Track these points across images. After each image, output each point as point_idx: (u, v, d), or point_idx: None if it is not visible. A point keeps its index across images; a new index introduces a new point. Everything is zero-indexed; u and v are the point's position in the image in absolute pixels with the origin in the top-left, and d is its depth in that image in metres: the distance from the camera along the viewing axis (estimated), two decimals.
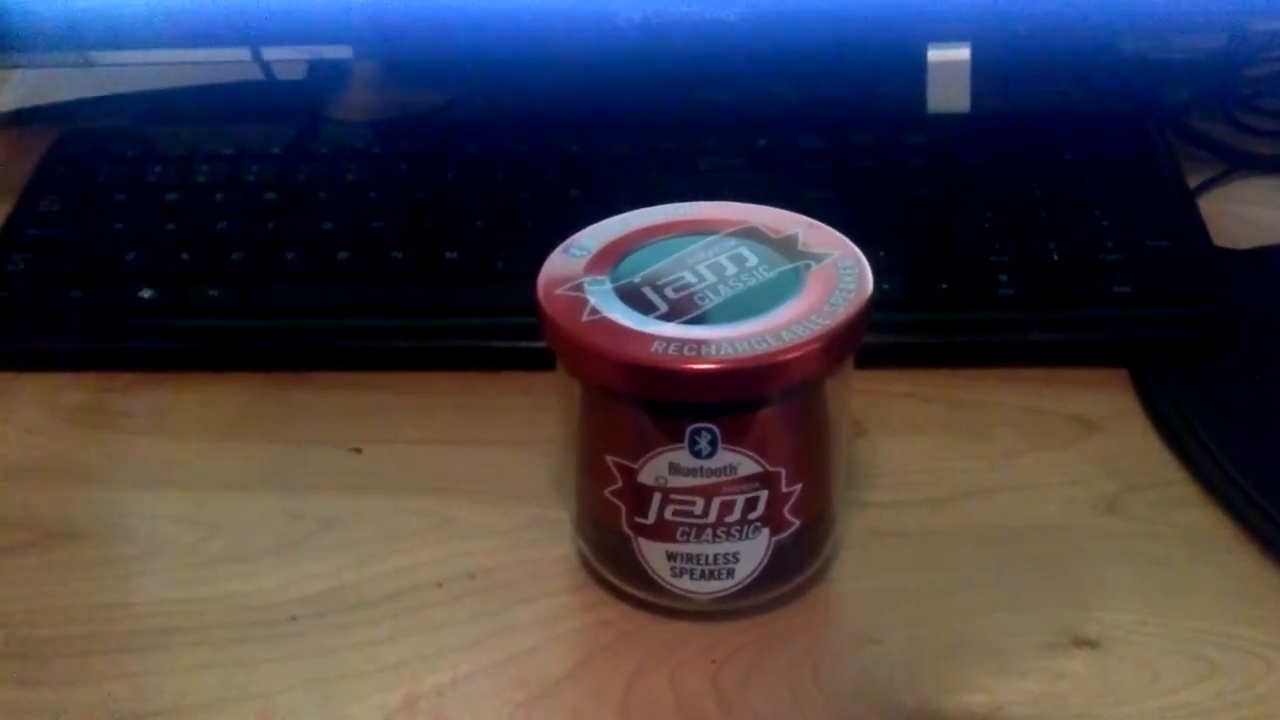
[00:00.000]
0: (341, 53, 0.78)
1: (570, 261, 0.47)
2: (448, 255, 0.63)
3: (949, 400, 0.58)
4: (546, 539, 0.52)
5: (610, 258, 0.47)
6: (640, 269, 0.46)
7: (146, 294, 0.62)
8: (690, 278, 0.46)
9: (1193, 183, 0.69)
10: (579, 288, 0.45)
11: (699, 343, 0.42)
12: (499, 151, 0.70)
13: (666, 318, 0.44)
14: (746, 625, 0.48)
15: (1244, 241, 0.66)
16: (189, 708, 0.46)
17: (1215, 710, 0.45)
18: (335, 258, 0.63)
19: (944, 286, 0.61)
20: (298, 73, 0.82)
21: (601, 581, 0.49)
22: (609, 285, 0.45)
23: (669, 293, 0.45)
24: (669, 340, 0.42)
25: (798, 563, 0.48)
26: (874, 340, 0.46)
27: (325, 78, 0.83)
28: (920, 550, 0.51)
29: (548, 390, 0.48)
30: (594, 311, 0.44)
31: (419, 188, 0.68)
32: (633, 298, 0.45)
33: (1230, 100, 0.79)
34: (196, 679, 0.47)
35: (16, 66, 0.82)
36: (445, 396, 0.59)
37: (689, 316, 0.44)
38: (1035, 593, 0.49)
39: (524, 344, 0.60)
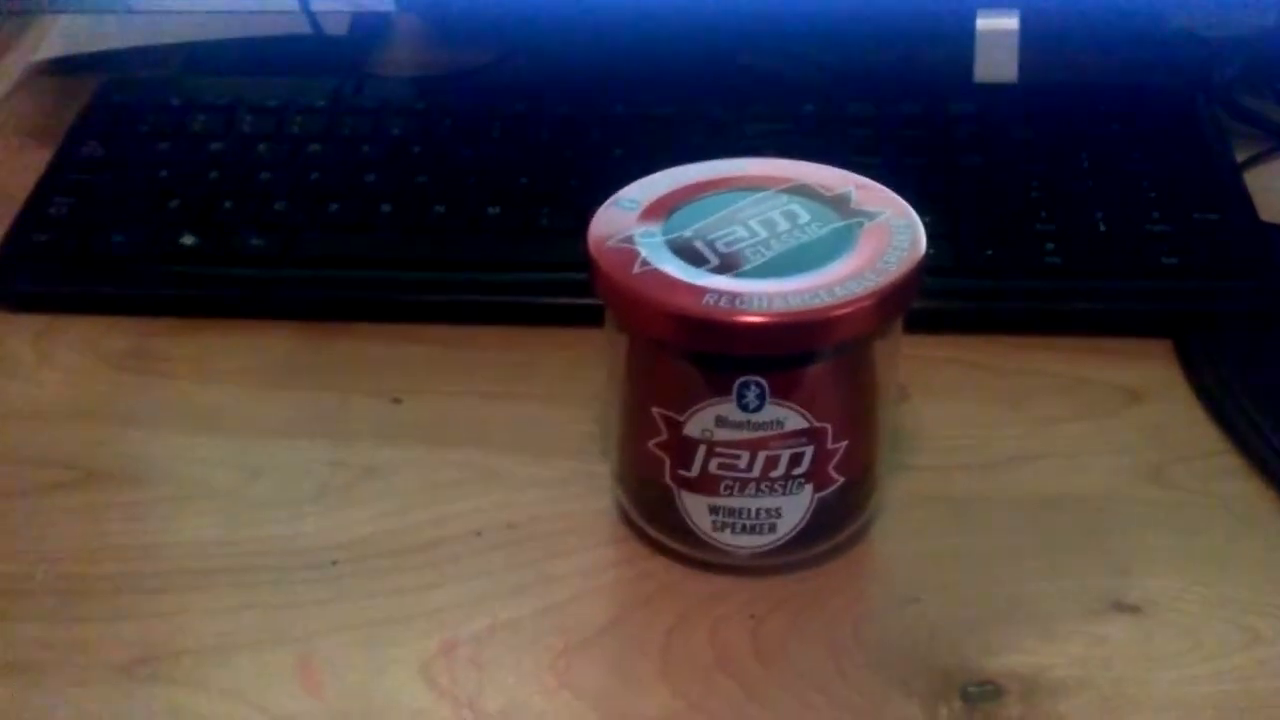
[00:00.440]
0: (384, 6, 0.78)
1: (621, 214, 0.46)
2: (490, 211, 0.63)
3: (993, 367, 0.58)
4: (586, 492, 0.52)
5: (661, 211, 0.47)
6: (691, 223, 0.46)
7: (189, 240, 0.62)
8: (742, 232, 0.45)
9: (1240, 158, 0.68)
10: (630, 240, 0.45)
11: (750, 296, 0.42)
12: (542, 110, 0.70)
13: (718, 271, 0.44)
14: (787, 581, 0.48)
15: None
16: (228, 648, 0.46)
17: (1255, 677, 0.44)
18: (378, 210, 0.63)
19: (989, 254, 0.60)
20: (341, 26, 0.81)
21: (641, 535, 0.49)
22: (660, 238, 0.45)
23: (720, 246, 0.45)
24: (720, 293, 0.42)
25: (840, 520, 0.48)
26: (919, 305, 0.45)
27: (368, 33, 0.83)
28: (962, 514, 0.51)
29: (588, 346, 0.48)
30: (645, 263, 0.44)
31: (462, 144, 0.68)
32: (684, 251, 0.45)
33: (1277, 77, 0.78)
34: (236, 620, 0.47)
35: (61, 13, 0.82)
36: (486, 351, 0.59)
37: (741, 270, 0.44)
38: (1077, 558, 0.49)
39: (566, 300, 0.59)
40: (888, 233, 0.45)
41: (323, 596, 0.48)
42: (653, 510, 0.48)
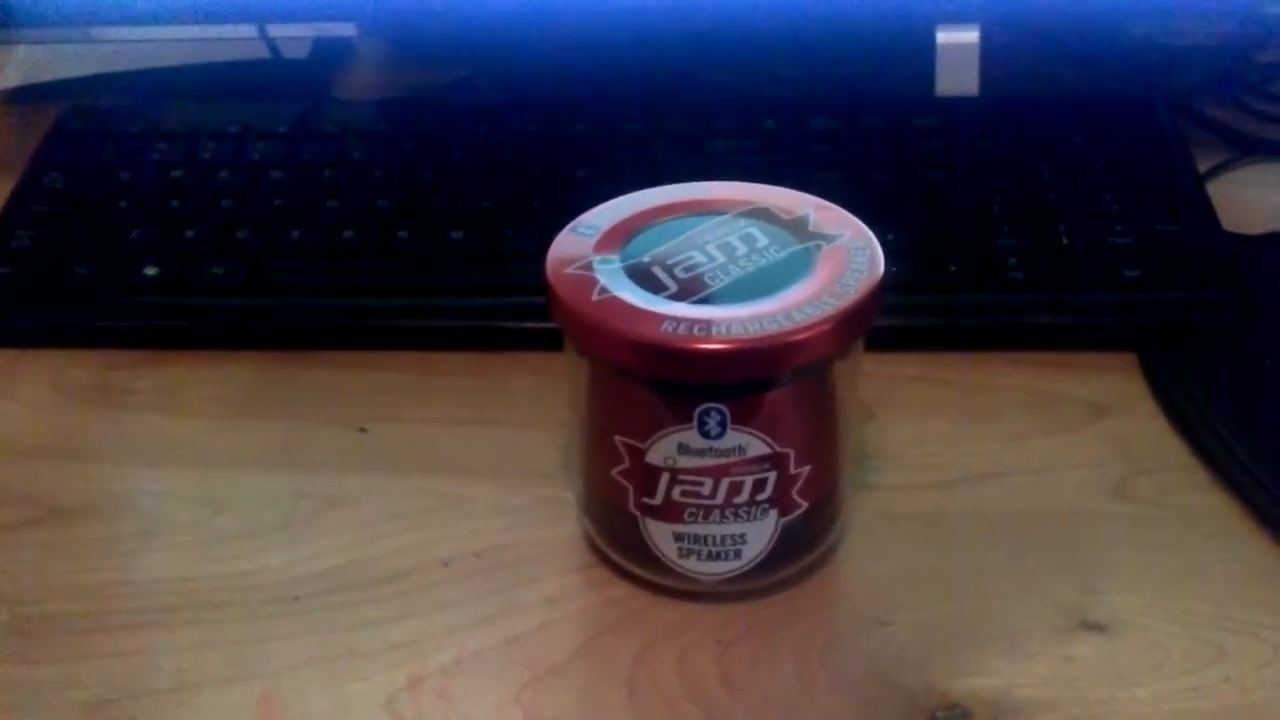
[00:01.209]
0: (345, 30, 0.77)
1: (579, 240, 0.46)
2: (454, 235, 0.63)
3: (958, 383, 0.58)
4: (553, 519, 0.51)
5: (619, 237, 0.47)
6: (650, 248, 0.46)
7: (151, 271, 0.62)
8: (700, 257, 0.45)
9: (1203, 167, 0.69)
10: (588, 267, 0.45)
11: (709, 322, 0.42)
12: (505, 131, 0.70)
13: (676, 297, 0.44)
14: (754, 606, 0.48)
15: (1254, 226, 0.65)
16: (192, 685, 0.46)
17: (1223, 694, 0.44)
18: (341, 236, 0.63)
19: (952, 269, 0.60)
20: (302, 50, 0.81)
21: (608, 561, 0.49)
22: (618, 264, 0.45)
23: (679, 272, 0.45)
24: (679, 320, 0.42)
25: (805, 544, 0.48)
26: (883, 323, 0.45)
27: (330, 56, 0.83)
28: (929, 533, 0.51)
29: (554, 371, 0.48)
30: (604, 291, 0.44)
31: (425, 167, 0.68)
32: (642, 277, 0.44)
33: (1240, 85, 0.78)
34: (199, 657, 0.47)
35: (19, 43, 0.81)
36: (451, 377, 0.59)
37: (699, 296, 0.44)
38: (1044, 576, 0.49)
39: (530, 324, 0.59)
40: (846, 255, 0.45)
41: (286, 631, 0.47)
42: (618, 537, 0.48)
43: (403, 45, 0.84)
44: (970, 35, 0.71)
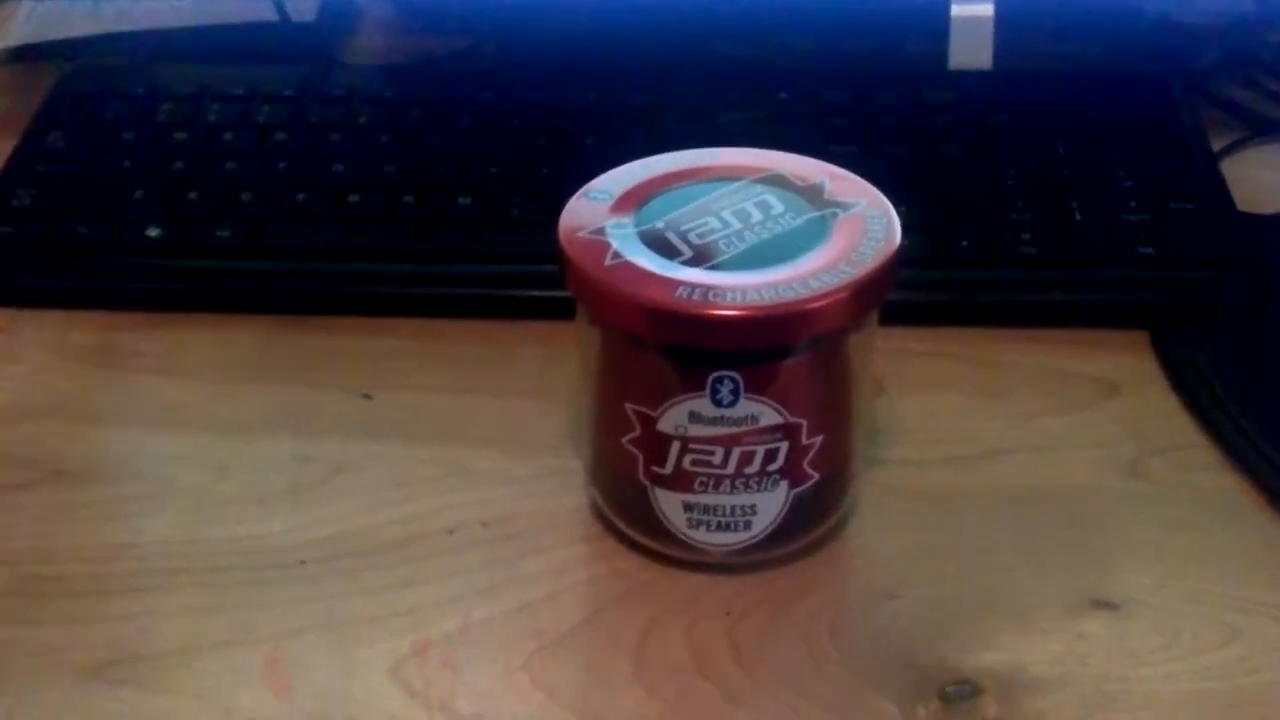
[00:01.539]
0: None
1: (592, 206, 0.46)
2: (461, 201, 0.62)
3: (970, 359, 0.57)
4: (560, 489, 0.51)
5: (632, 202, 0.46)
6: (663, 214, 0.45)
7: (154, 233, 0.61)
8: (715, 224, 0.45)
9: (1216, 146, 0.68)
10: (601, 232, 0.44)
11: (724, 289, 0.42)
12: (513, 98, 0.69)
13: (691, 263, 0.43)
14: (763, 578, 0.47)
15: (1266, 206, 0.65)
16: (196, 649, 0.45)
17: (1234, 674, 0.44)
18: (346, 201, 0.63)
19: (965, 245, 0.60)
20: (309, 14, 0.80)
21: (616, 532, 0.49)
22: (632, 229, 0.45)
23: (693, 238, 0.44)
24: (694, 285, 0.42)
25: (816, 516, 0.47)
26: (895, 298, 0.45)
27: (337, 20, 0.82)
28: (939, 509, 0.50)
29: (562, 340, 0.48)
30: (616, 256, 0.43)
31: (432, 133, 0.67)
32: (656, 243, 0.44)
33: (1254, 65, 0.78)
34: (204, 621, 0.46)
35: (23, 0, 0.81)
36: (457, 344, 0.59)
37: (713, 262, 0.43)
38: (1055, 554, 0.48)
39: (539, 293, 0.59)
40: (862, 224, 0.45)
41: (292, 596, 0.47)
42: (627, 508, 0.48)
43: (410, 10, 0.83)
44: (985, 9, 0.70)
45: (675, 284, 0.42)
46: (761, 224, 0.45)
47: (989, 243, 0.60)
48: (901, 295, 0.46)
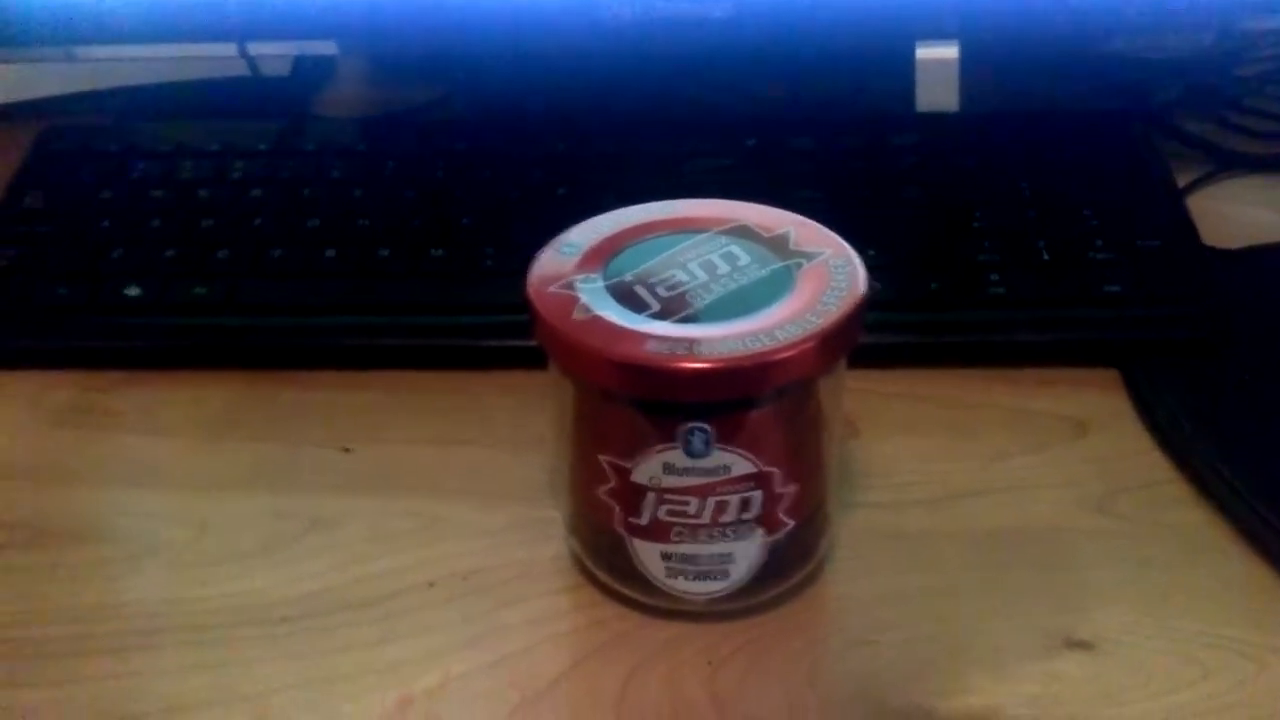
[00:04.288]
0: (326, 48, 0.77)
1: (561, 259, 0.46)
2: (435, 253, 0.63)
3: (940, 400, 0.58)
4: (539, 539, 0.51)
5: (601, 256, 0.46)
6: (631, 267, 0.46)
7: (133, 291, 0.62)
8: (682, 276, 0.45)
9: (1182, 182, 0.69)
10: (570, 286, 0.45)
11: (692, 341, 0.42)
12: (486, 149, 0.70)
13: (659, 316, 0.43)
14: (742, 626, 0.48)
15: (1234, 241, 0.66)
16: (179, 709, 0.45)
17: (1208, 712, 0.44)
18: (322, 255, 0.63)
19: (934, 286, 0.60)
20: (283, 68, 0.81)
21: (595, 582, 0.49)
22: (601, 283, 0.45)
23: (661, 291, 0.45)
24: (662, 339, 0.42)
25: (792, 563, 0.48)
26: (865, 340, 0.45)
27: (311, 74, 0.83)
28: (914, 551, 0.51)
29: (538, 389, 0.48)
30: (585, 310, 0.44)
31: (406, 185, 0.68)
32: (625, 296, 0.44)
33: (1219, 99, 0.79)
34: (186, 680, 0.47)
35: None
36: (434, 396, 0.59)
37: (681, 315, 0.43)
38: (1029, 594, 0.49)
39: (513, 343, 0.59)
40: (827, 273, 0.45)
41: (273, 654, 0.47)
42: (605, 557, 0.48)
43: (383, 63, 0.84)
44: (949, 52, 0.71)
45: (644, 338, 0.42)
46: (728, 275, 0.45)
47: (957, 284, 0.61)
48: (872, 338, 0.46)
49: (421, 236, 0.64)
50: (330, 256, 0.63)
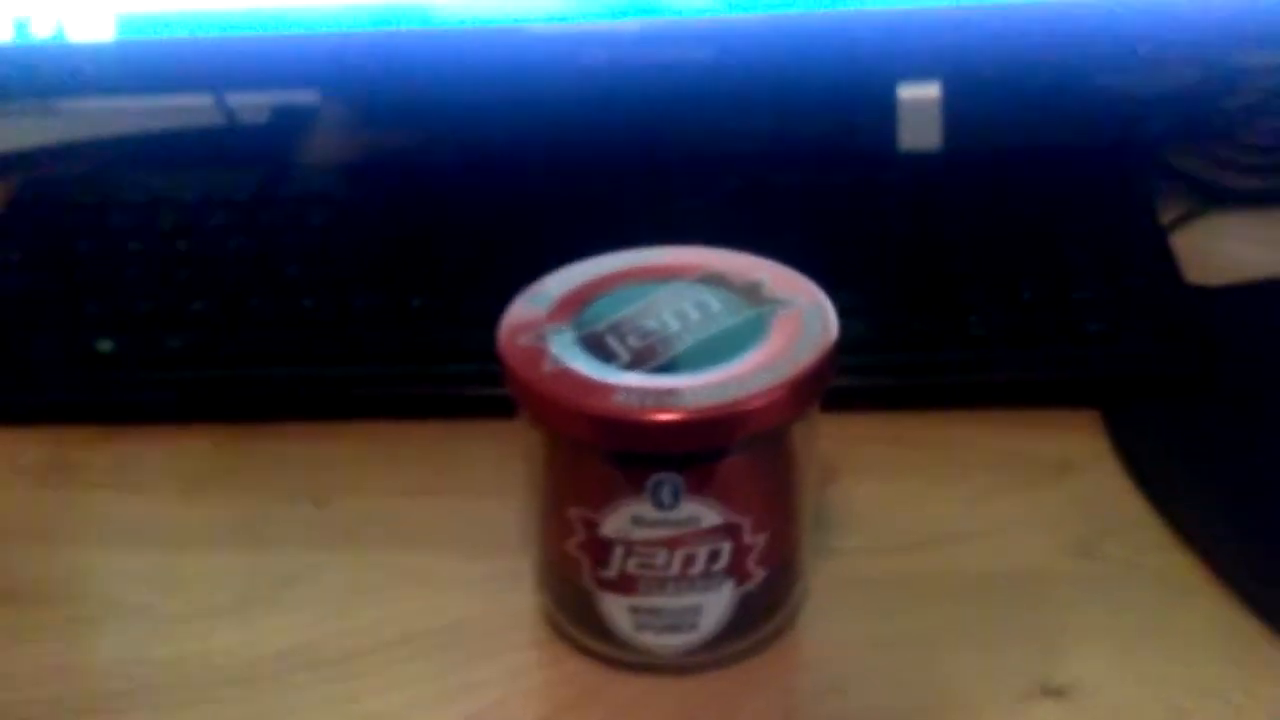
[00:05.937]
0: (307, 97, 0.77)
1: (532, 309, 0.46)
2: (415, 301, 0.63)
3: (920, 442, 0.58)
4: (512, 590, 0.51)
5: (573, 305, 0.46)
6: (603, 316, 0.46)
7: (106, 345, 0.61)
8: (654, 324, 0.45)
9: (1169, 218, 0.69)
10: (541, 337, 0.45)
11: (662, 392, 0.42)
12: (465, 195, 0.70)
13: (629, 366, 0.43)
14: (714, 678, 0.47)
15: (1220, 278, 0.65)
16: None
17: None
18: (300, 304, 0.63)
19: (915, 326, 0.60)
20: (262, 117, 0.81)
21: (566, 636, 0.48)
22: (571, 334, 0.45)
23: (632, 340, 0.44)
24: (631, 390, 0.42)
25: (764, 613, 0.47)
26: (845, 383, 0.45)
27: (290, 122, 0.82)
28: (890, 598, 0.50)
29: (514, 437, 0.47)
30: (556, 361, 0.43)
31: (385, 232, 0.68)
32: (595, 346, 0.44)
33: (1207, 134, 0.78)
34: None
35: None
36: (412, 445, 0.59)
37: (652, 365, 0.43)
38: (1006, 640, 0.48)
39: (494, 391, 0.58)
40: (800, 320, 0.45)
41: (243, 715, 0.47)
42: (574, 612, 0.47)
43: (363, 111, 0.83)
44: (931, 91, 0.71)
45: (613, 389, 0.42)
46: (700, 324, 0.45)
47: (938, 324, 0.60)
48: (851, 380, 0.46)
49: (400, 284, 0.64)
50: (308, 305, 0.63)
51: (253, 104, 0.80)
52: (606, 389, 0.42)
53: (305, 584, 0.52)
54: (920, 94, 0.71)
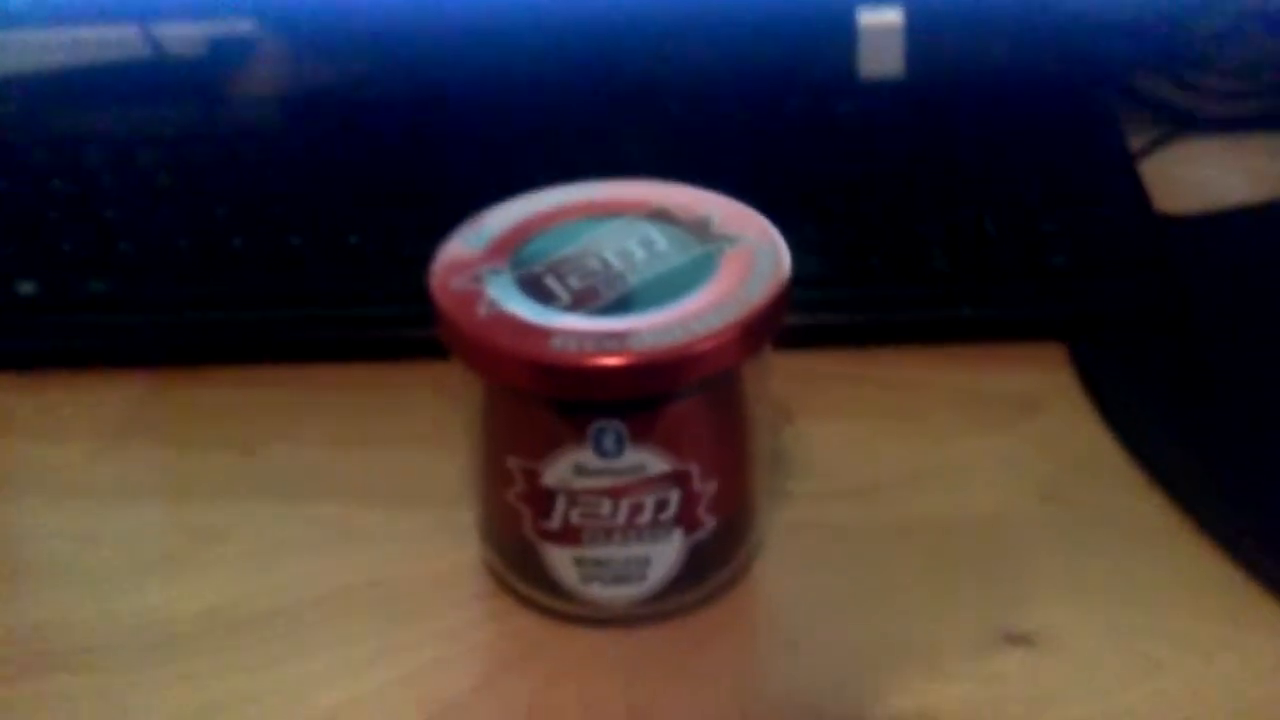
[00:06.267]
0: (245, 28, 0.74)
1: (468, 248, 0.44)
2: (351, 240, 0.60)
3: (881, 381, 0.55)
4: (452, 545, 0.48)
5: (512, 243, 0.44)
6: (543, 255, 0.43)
7: (26, 288, 0.59)
8: (596, 264, 0.43)
9: (1137, 145, 0.66)
10: (477, 279, 0.42)
11: (604, 335, 0.40)
12: (406, 130, 0.67)
13: (570, 309, 0.41)
14: (663, 631, 0.45)
15: (1191, 206, 0.63)
16: None
17: (1157, 711, 0.42)
18: (230, 244, 0.60)
19: (874, 261, 0.58)
20: (199, 49, 0.78)
21: (510, 590, 0.46)
22: (509, 274, 0.42)
23: (573, 281, 0.42)
24: (570, 334, 0.40)
25: (716, 563, 0.45)
26: (801, 320, 0.43)
27: (227, 55, 0.79)
28: (848, 545, 0.48)
29: (456, 382, 0.45)
30: (492, 305, 0.41)
31: (320, 169, 0.65)
32: (534, 287, 0.42)
33: (1177, 59, 0.76)
34: (75, 707, 0.44)
35: None
36: (347, 392, 0.56)
37: (594, 307, 0.41)
38: (968, 588, 0.46)
39: (432, 333, 0.56)
40: (750, 258, 0.43)
41: (167, 676, 0.44)
42: (517, 564, 0.45)
43: (303, 41, 0.80)
44: (894, 17, 0.68)
45: (551, 333, 0.40)
46: (645, 263, 0.43)
47: (898, 259, 0.58)
48: (807, 317, 0.44)
49: (336, 222, 0.61)
50: (238, 246, 0.60)
51: (191, 36, 0.76)
52: (545, 333, 0.40)
53: (232, 539, 0.49)
54: (882, 20, 0.69)
